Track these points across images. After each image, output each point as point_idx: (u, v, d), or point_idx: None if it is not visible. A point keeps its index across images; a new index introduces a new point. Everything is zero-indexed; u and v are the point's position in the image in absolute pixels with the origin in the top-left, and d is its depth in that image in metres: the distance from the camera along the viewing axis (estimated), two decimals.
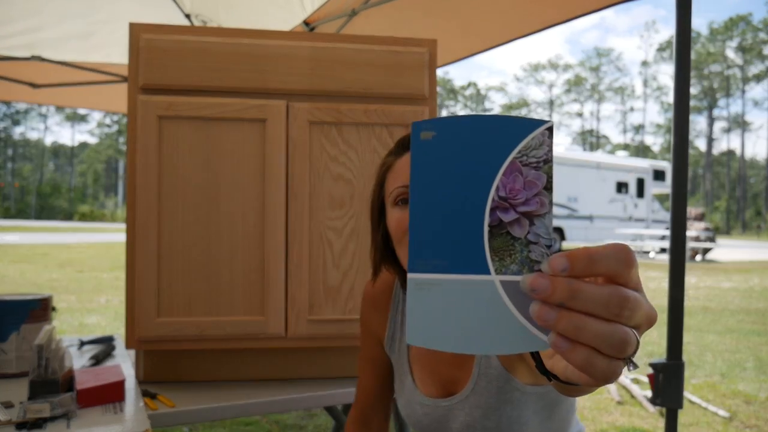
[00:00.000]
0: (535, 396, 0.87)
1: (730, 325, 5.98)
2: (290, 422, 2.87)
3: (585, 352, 0.36)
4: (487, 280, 0.38)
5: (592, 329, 0.35)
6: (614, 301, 0.36)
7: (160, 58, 1.40)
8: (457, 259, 0.38)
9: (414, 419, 0.99)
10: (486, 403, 0.88)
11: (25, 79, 3.43)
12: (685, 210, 1.63)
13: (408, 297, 0.39)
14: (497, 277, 0.38)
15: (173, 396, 1.35)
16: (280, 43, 1.45)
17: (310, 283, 1.45)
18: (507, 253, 0.38)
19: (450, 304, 0.38)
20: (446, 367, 0.95)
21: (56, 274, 8.79)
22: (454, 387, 0.94)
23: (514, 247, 0.38)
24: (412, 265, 0.39)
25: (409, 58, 1.50)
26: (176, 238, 1.40)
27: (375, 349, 1.09)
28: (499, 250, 0.38)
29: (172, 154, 1.40)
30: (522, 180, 0.38)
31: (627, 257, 0.37)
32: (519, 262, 0.37)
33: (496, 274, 0.38)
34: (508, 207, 0.38)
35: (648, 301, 0.39)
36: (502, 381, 0.87)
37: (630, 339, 0.36)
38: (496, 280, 0.38)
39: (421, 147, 0.39)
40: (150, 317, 1.38)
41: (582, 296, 0.35)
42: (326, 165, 1.46)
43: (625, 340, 0.36)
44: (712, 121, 52.19)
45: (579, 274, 0.36)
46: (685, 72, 1.60)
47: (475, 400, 0.89)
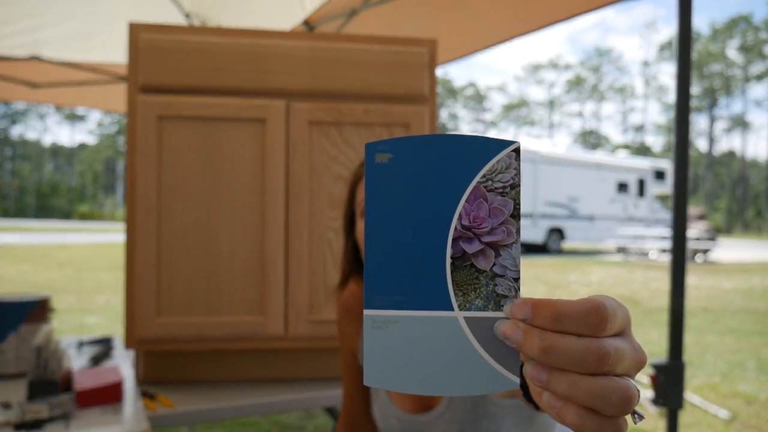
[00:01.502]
0: (511, 408, 0.86)
1: (730, 325, 5.98)
2: (290, 422, 2.86)
3: (576, 411, 0.33)
4: (451, 316, 0.35)
5: (581, 386, 0.33)
6: (591, 358, 0.32)
7: (160, 57, 1.39)
8: (418, 294, 0.35)
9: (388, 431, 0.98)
10: (462, 418, 0.86)
11: (24, 78, 3.43)
12: (685, 210, 1.63)
13: (364, 336, 0.36)
14: (461, 313, 0.35)
15: (172, 396, 1.34)
16: (280, 43, 1.45)
17: (310, 283, 1.45)
18: (471, 287, 0.35)
19: (410, 343, 0.35)
20: None
21: (55, 275, 8.79)
22: (430, 401, 0.92)
23: (479, 280, 0.35)
24: (368, 300, 0.35)
25: (409, 57, 1.49)
26: (176, 238, 1.40)
27: (350, 358, 1.08)
28: (462, 284, 0.35)
29: (171, 154, 1.40)
30: (487, 207, 0.35)
31: (598, 320, 0.33)
32: (484, 297, 0.35)
33: (459, 310, 0.35)
34: (472, 237, 0.35)
35: (635, 342, 0.35)
36: (477, 396, 0.85)
37: (628, 392, 0.33)
38: (459, 317, 0.35)
39: (376, 170, 0.36)
40: (149, 317, 1.38)
41: (555, 353, 0.33)
42: (326, 165, 1.46)
43: (623, 396, 0.33)
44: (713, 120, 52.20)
45: (541, 327, 0.33)
46: (685, 72, 1.60)
47: (451, 415, 0.88)
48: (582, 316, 0.33)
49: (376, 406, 1.01)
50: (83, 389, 1.17)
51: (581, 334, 0.33)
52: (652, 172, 18.15)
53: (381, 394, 0.99)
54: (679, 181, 1.63)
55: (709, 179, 51.85)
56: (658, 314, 6.45)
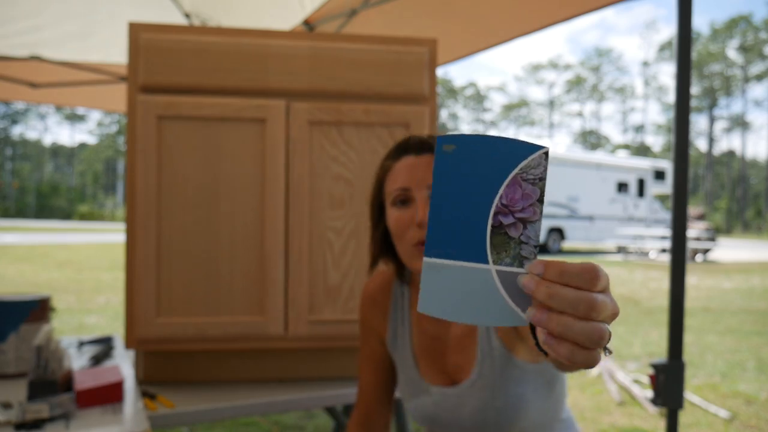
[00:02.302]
0: (533, 373, 0.94)
1: (730, 325, 5.98)
2: (290, 422, 2.86)
3: (568, 347, 0.44)
4: (486, 268, 0.47)
5: (573, 328, 0.43)
6: (583, 305, 0.43)
7: (160, 57, 1.39)
8: (464, 250, 0.47)
9: (423, 413, 1.02)
10: (493, 383, 0.93)
11: (24, 78, 3.43)
12: (685, 210, 1.63)
13: (422, 275, 0.48)
14: (494, 267, 0.47)
15: (173, 396, 1.34)
16: (280, 42, 1.45)
17: (310, 283, 1.45)
18: (503, 248, 0.47)
19: (455, 283, 0.47)
20: (451, 354, 0.99)
21: (55, 274, 8.79)
22: (459, 375, 0.98)
23: (509, 245, 0.47)
24: (428, 251, 0.48)
25: (409, 57, 1.49)
26: (176, 238, 1.40)
27: (376, 347, 1.12)
28: (497, 246, 0.47)
29: (171, 154, 1.40)
30: (521, 192, 0.47)
31: (591, 277, 0.44)
32: (512, 257, 0.47)
33: (493, 264, 0.47)
34: (507, 212, 0.47)
35: (612, 299, 0.46)
36: (504, 360, 0.93)
37: (603, 334, 0.44)
38: (492, 270, 0.47)
39: (442, 157, 0.48)
40: (149, 317, 1.38)
41: (557, 298, 0.44)
42: (326, 165, 1.46)
43: (600, 336, 0.44)
44: (713, 120, 52.19)
45: (551, 280, 0.44)
46: (685, 72, 1.60)
47: (483, 382, 0.94)
48: (579, 273, 0.44)
49: (408, 393, 1.04)
50: (83, 389, 1.17)
51: (578, 287, 0.44)
52: (651, 172, 18.15)
53: (412, 376, 1.02)
54: (678, 181, 1.63)
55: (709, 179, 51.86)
56: (658, 314, 6.45)
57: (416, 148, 0.98)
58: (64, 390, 1.19)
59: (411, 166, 0.96)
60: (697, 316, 6.42)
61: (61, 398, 1.11)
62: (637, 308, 6.94)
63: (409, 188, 0.95)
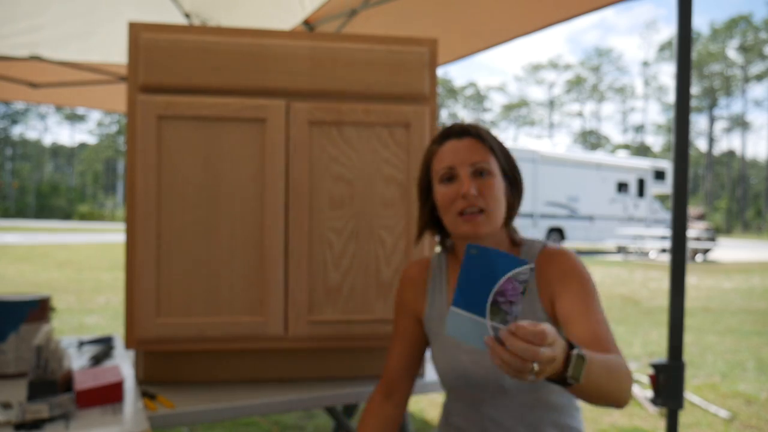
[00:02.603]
0: None
1: (730, 325, 5.98)
2: (290, 422, 2.86)
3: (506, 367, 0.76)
4: (484, 321, 0.78)
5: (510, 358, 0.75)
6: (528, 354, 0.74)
7: (160, 57, 1.39)
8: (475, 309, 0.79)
9: (458, 371, 1.14)
10: None
11: (24, 78, 3.43)
12: (685, 210, 1.63)
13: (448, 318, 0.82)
14: (489, 322, 0.78)
15: (173, 397, 1.34)
16: (280, 42, 1.45)
17: (310, 283, 1.45)
18: (496, 315, 0.77)
19: (466, 324, 0.80)
20: None
21: (55, 274, 8.79)
22: None
23: (500, 314, 0.77)
24: (454, 305, 0.81)
25: (409, 57, 1.49)
26: (176, 238, 1.40)
27: (409, 325, 1.26)
28: (492, 312, 0.78)
29: (171, 154, 1.40)
30: (512, 286, 0.77)
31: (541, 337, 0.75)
32: (499, 320, 0.77)
33: (489, 321, 0.78)
34: (504, 297, 0.77)
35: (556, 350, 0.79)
36: None
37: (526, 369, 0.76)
38: (487, 322, 0.78)
39: (469, 255, 0.80)
40: (149, 317, 1.38)
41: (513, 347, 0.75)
42: (326, 165, 1.46)
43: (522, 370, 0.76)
44: (713, 120, 52.18)
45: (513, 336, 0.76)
46: (685, 72, 1.60)
47: None
48: (533, 333, 0.75)
49: (443, 356, 1.18)
50: (83, 389, 1.17)
51: (531, 342, 0.75)
52: (651, 172, 18.15)
53: (450, 340, 1.16)
54: (678, 181, 1.63)
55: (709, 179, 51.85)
56: (658, 314, 6.45)
57: (458, 133, 1.15)
58: (64, 390, 1.19)
59: (455, 148, 1.13)
60: (697, 316, 6.42)
61: (61, 398, 1.11)
62: (637, 308, 6.94)
63: (453, 166, 1.12)
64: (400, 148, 1.49)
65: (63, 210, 44.81)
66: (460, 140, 1.13)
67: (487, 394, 1.13)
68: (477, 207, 1.09)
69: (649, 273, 10.93)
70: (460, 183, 1.10)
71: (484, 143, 1.13)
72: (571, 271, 1.09)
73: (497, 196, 1.11)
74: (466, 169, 1.11)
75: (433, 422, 2.93)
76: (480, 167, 1.11)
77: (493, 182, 1.11)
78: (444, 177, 1.13)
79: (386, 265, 1.48)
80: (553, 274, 1.10)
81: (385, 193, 1.48)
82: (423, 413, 3.10)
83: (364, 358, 1.54)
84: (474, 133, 1.14)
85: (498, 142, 1.16)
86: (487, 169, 1.11)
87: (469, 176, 1.10)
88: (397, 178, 1.48)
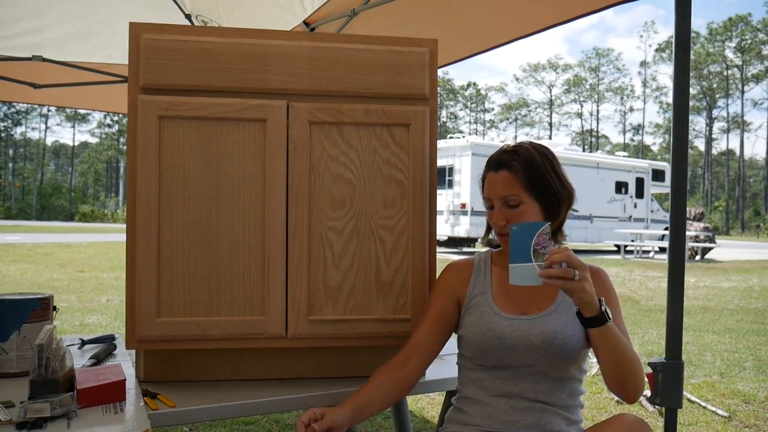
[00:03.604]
0: None
1: (729, 324, 5.99)
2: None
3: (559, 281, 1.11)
4: (532, 264, 1.14)
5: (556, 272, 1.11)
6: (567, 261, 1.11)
7: (161, 58, 1.40)
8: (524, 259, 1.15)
9: (494, 334, 1.28)
10: (565, 318, 1.27)
11: (26, 79, 3.43)
12: (684, 210, 1.64)
13: (510, 269, 1.16)
14: (535, 263, 1.14)
15: (173, 396, 1.35)
16: (281, 43, 1.46)
17: (310, 283, 1.45)
18: (537, 257, 1.13)
19: (521, 270, 1.15)
20: (527, 293, 1.30)
21: (57, 274, 8.79)
22: (532, 308, 1.30)
23: (539, 257, 1.14)
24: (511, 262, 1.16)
25: (409, 57, 1.50)
26: (176, 238, 1.40)
27: (446, 305, 1.38)
28: (534, 257, 1.14)
29: (172, 154, 1.40)
30: (542, 238, 1.14)
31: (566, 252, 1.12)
32: (540, 260, 1.13)
33: (534, 262, 1.14)
34: (539, 245, 1.14)
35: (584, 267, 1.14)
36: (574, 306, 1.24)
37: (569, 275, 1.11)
38: (534, 264, 1.14)
39: (513, 230, 1.17)
40: (150, 317, 1.38)
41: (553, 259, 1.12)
42: (326, 165, 1.47)
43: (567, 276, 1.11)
44: (712, 121, 52.18)
45: None
46: (684, 72, 1.61)
47: (559, 314, 1.28)
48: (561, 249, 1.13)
49: (480, 325, 1.31)
50: (85, 388, 1.17)
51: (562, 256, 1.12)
52: (650, 172, 18.15)
53: (488, 311, 1.32)
54: (677, 181, 1.63)
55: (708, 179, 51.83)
56: (657, 313, 6.45)
57: (495, 166, 1.33)
58: (66, 389, 1.19)
59: (491, 182, 1.33)
60: (696, 316, 6.43)
61: (62, 397, 1.12)
62: (636, 307, 6.94)
63: (489, 198, 1.34)
64: (400, 148, 1.49)
65: (65, 210, 44.78)
66: (496, 173, 1.32)
67: (516, 355, 1.26)
68: (508, 232, 1.24)
69: (647, 272, 10.94)
70: (494, 213, 1.32)
71: (516, 175, 1.29)
72: (610, 291, 1.32)
73: (527, 221, 1.28)
74: (498, 201, 1.31)
75: (433, 422, 2.94)
76: (510, 200, 1.29)
77: (523, 210, 1.29)
78: (486, 204, 1.36)
79: (386, 265, 1.48)
80: (596, 288, 1.22)
81: (385, 193, 1.49)
82: (423, 413, 3.10)
83: (365, 358, 1.54)
84: (507, 164, 1.30)
85: (530, 171, 1.29)
86: (517, 201, 1.29)
87: (500, 208, 1.31)
88: (397, 178, 1.49)
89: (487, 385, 1.29)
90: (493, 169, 1.32)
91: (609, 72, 59.51)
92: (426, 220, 1.51)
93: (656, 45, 59.48)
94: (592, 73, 59.39)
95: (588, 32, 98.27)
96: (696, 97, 50.55)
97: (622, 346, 1.18)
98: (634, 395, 1.21)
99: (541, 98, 63.93)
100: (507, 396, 1.27)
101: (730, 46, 49.01)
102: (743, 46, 47.90)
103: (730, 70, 50.01)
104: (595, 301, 1.14)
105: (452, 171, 15.17)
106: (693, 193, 52.61)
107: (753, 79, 49.34)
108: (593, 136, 60.27)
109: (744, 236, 38.45)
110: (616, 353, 1.18)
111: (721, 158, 53.93)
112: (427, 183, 1.51)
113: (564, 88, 60.77)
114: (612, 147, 58.44)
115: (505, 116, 62.31)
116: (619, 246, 15.64)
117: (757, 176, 53.63)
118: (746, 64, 48.89)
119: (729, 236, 37.45)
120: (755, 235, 37.94)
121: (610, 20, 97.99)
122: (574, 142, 58.35)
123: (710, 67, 49.96)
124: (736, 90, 50.49)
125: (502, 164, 1.31)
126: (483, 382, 1.30)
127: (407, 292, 1.49)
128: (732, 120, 51.99)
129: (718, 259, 14.97)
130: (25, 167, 54.67)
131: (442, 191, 14.96)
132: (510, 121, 61.90)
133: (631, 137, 60.04)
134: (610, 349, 1.17)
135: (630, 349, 1.20)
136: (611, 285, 1.34)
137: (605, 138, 62.45)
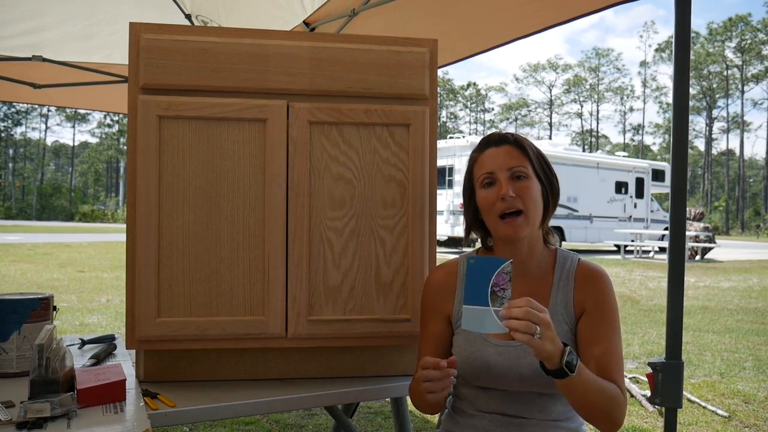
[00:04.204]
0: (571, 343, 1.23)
1: (728, 324, 5.99)
2: (290, 422, 2.87)
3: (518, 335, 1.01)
4: (488, 308, 1.04)
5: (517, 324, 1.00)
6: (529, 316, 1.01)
7: (161, 57, 1.40)
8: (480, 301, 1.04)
9: (482, 362, 1.21)
10: None
11: (26, 79, 3.43)
12: (684, 210, 1.64)
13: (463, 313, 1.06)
14: (491, 307, 1.04)
15: (174, 396, 1.35)
16: (281, 43, 1.46)
17: (310, 283, 1.45)
18: (495, 300, 1.04)
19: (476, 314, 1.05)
20: None
21: (57, 274, 8.79)
22: None
23: (497, 299, 1.04)
24: (465, 303, 1.06)
25: (409, 57, 1.50)
26: (176, 238, 1.40)
27: (437, 326, 1.31)
28: (491, 300, 1.04)
29: (172, 154, 1.41)
30: (502, 278, 1.04)
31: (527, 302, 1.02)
32: (498, 305, 1.03)
33: (491, 306, 1.04)
34: (498, 286, 1.04)
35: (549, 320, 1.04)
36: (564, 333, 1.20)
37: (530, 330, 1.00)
38: (491, 309, 1.04)
39: (469, 263, 1.07)
40: (150, 317, 1.38)
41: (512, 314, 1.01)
42: (326, 165, 1.47)
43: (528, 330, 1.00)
44: (711, 121, 52.18)
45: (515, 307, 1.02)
46: (684, 72, 1.61)
47: None
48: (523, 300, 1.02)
49: (468, 345, 1.24)
50: (85, 388, 1.17)
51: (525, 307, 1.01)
52: (650, 172, 18.16)
53: (473, 335, 1.22)
54: (677, 181, 1.63)
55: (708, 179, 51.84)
56: (657, 313, 6.46)
57: (496, 141, 1.25)
58: (66, 389, 1.19)
59: (494, 155, 1.23)
60: (696, 316, 6.43)
61: (62, 397, 1.12)
62: (636, 307, 6.95)
63: (493, 171, 1.22)
64: (400, 148, 1.49)
65: (65, 210, 44.77)
66: (499, 147, 1.23)
67: (506, 382, 1.20)
68: (516, 208, 1.18)
69: (647, 272, 10.94)
70: (499, 186, 1.20)
71: (521, 149, 1.22)
72: (607, 300, 1.21)
73: (534, 197, 1.20)
74: (504, 173, 1.21)
75: (432, 422, 2.94)
76: (517, 171, 1.20)
77: (530, 185, 1.20)
78: (484, 182, 1.23)
79: (386, 265, 1.48)
80: (590, 294, 1.21)
81: (385, 193, 1.49)
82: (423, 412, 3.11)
83: (364, 358, 1.54)
84: (511, 141, 1.24)
85: (534, 149, 1.24)
86: (524, 173, 1.20)
87: (507, 180, 1.20)
88: (397, 178, 1.49)
89: (480, 404, 1.25)
90: (494, 144, 1.24)
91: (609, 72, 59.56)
92: (426, 220, 1.51)
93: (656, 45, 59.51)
94: (592, 73, 59.41)
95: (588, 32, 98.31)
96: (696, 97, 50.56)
97: (592, 392, 1.09)
98: (610, 429, 1.14)
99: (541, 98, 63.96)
100: (501, 413, 1.23)
101: (730, 46, 49.03)
102: (743, 46, 47.91)
103: (730, 70, 50.03)
104: (555, 357, 1.02)
105: (452, 171, 15.17)
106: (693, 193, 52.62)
107: (753, 79, 49.36)
108: (593, 136, 60.29)
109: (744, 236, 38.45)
110: (584, 398, 1.09)
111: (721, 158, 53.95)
112: (427, 183, 1.51)
113: (564, 88, 60.79)
114: (612, 147, 58.45)
115: (505, 116, 62.33)
116: (619, 246, 15.64)
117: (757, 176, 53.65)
118: (746, 64, 48.90)
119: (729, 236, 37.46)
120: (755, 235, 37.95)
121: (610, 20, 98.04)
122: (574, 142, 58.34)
123: (710, 67, 49.97)
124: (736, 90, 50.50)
125: (504, 139, 1.24)
126: (476, 400, 1.26)
127: (407, 292, 1.49)
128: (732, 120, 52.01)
129: (718, 259, 14.97)
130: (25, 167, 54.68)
131: (442, 191, 14.96)
132: (510, 121, 61.91)
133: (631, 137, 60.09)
134: (576, 395, 1.09)
135: (602, 389, 1.10)
136: (610, 291, 1.23)
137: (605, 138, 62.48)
